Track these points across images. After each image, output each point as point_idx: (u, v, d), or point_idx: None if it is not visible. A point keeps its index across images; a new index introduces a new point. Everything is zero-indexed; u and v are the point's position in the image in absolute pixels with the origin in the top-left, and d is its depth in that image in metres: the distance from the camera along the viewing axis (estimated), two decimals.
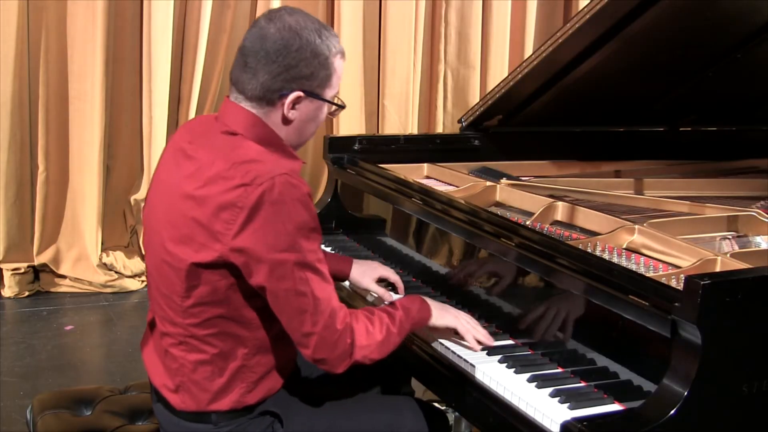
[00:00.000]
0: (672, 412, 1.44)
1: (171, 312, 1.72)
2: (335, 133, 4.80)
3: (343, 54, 1.78)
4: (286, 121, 1.73)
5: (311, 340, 1.65)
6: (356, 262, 2.17)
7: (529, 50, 5.34)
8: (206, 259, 1.64)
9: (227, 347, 1.72)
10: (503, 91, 2.62)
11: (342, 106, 1.81)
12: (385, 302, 2.07)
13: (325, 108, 1.78)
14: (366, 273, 2.15)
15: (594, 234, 2.10)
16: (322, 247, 2.54)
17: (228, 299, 1.68)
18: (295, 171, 1.68)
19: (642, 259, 1.94)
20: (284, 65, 1.68)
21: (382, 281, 2.18)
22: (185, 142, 1.77)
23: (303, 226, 1.62)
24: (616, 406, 1.60)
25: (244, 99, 1.72)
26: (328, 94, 1.76)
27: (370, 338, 1.72)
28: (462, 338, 1.86)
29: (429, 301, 1.88)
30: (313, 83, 1.72)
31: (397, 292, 2.16)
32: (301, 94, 1.71)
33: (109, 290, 4.61)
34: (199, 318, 1.69)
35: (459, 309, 1.97)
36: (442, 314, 1.87)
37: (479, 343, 1.85)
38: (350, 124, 5.14)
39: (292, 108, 1.72)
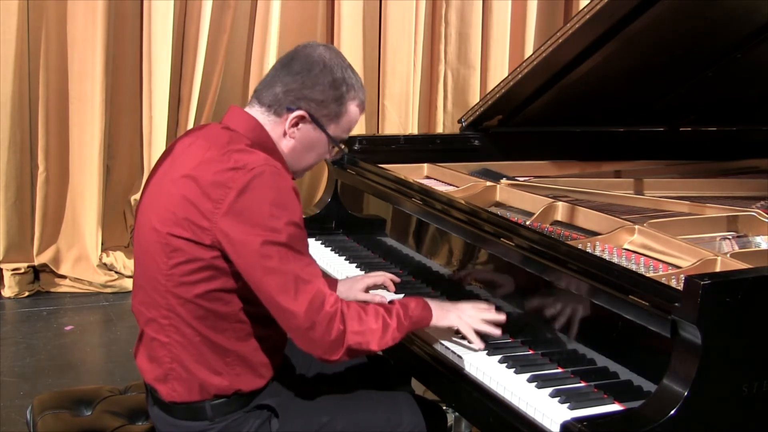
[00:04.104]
0: (672, 412, 1.44)
1: (156, 295, 1.74)
2: None
3: (362, 106, 1.84)
4: (285, 135, 1.80)
5: (298, 322, 1.65)
6: (341, 281, 2.17)
7: (529, 50, 5.34)
8: (193, 237, 1.66)
9: (212, 330, 1.73)
10: (503, 91, 2.62)
11: (343, 150, 1.89)
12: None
13: (325, 143, 1.83)
14: (352, 286, 2.14)
15: (594, 234, 2.10)
16: (322, 247, 2.55)
17: (212, 278, 1.69)
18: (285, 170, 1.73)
19: (642, 259, 1.94)
20: (300, 83, 1.77)
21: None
22: (183, 140, 1.83)
23: (288, 211, 1.65)
24: (616, 406, 1.60)
25: (257, 104, 1.81)
26: (333, 131, 1.82)
27: (363, 325, 1.72)
28: (465, 337, 1.86)
29: (429, 301, 1.87)
30: (321, 111, 1.78)
31: (388, 291, 2.16)
32: (305, 114, 1.77)
33: (109, 290, 4.61)
34: (182, 298, 1.71)
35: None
36: (444, 314, 1.86)
37: (485, 336, 1.85)
38: None
39: (294, 125, 1.79)
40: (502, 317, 1.88)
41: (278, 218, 1.64)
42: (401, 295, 2.15)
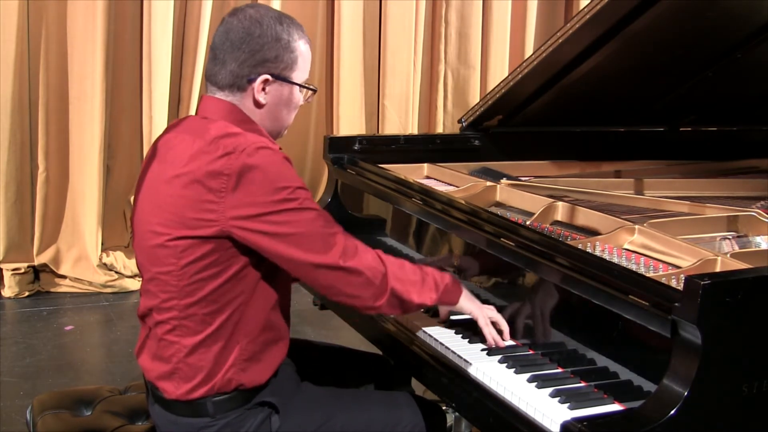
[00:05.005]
0: (672, 412, 1.44)
1: (166, 296, 1.74)
2: (335, 134, 4.81)
3: (307, 40, 1.85)
4: (258, 104, 1.80)
5: (337, 272, 1.70)
6: None
7: (529, 50, 5.35)
8: (203, 233, 1.67)
9: (222, 325, 1.73)
10: (503, 91, 2.61)
11: (313, 90, 1.88)
12: None
13: (296, 92, 1.84)
14: None
15: (594, 234, 2.10)
16: None
17: (223, 271, 1.70)
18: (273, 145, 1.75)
19: (642, 259, 1.94)
20: (248, 51, 1.77)
21: None
22: (165, 138, 1.83)
23: (291, 179, 1.68)
24: (616, 406, 1.60)
25: (218, 90, 1.81)
26: (298, 77, 1.83)
27: (403, 273, 1.77)
28: (480, 331, 1.87)
29: (461, 283, 1.91)
30: (279, 66, 1.79)
31: None
32: (268, 77, 1.78)
33: (109, 290, 4.61)
34: (194, 296, 1.71)
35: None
36: (471, 299, 1.90)
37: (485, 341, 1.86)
38: (350, 124, 5.14)
39: (262, 91, 1.79)
40: (506, 339, 1.89)
41: (283, 188, 1.66)
42: None
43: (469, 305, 1.89)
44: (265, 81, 1.78)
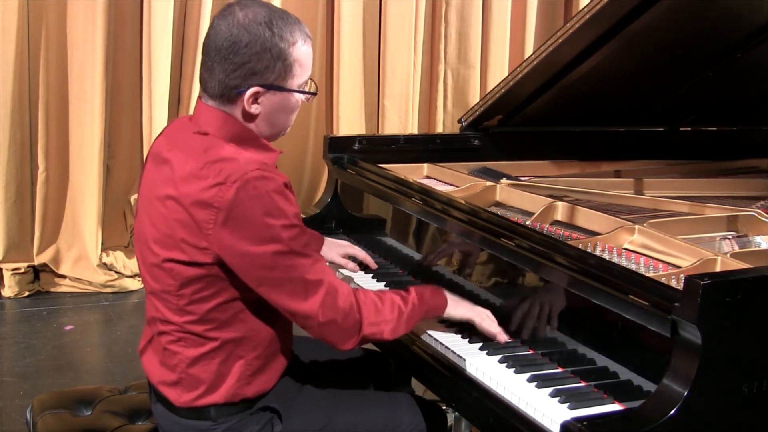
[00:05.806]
0: (672, 412, 1.44)
1: (168, 312, 1.73)
2: (335, 133, 4.80)
3: (305, 39, 1.72)
4: (248, 116, 1.72)
5: (314, 321, 1.68)
6: (327, 240, 2.28)
7: (529, 50, 5.35)
8: (196, 258, 1.65)
9: (224, 341, 1.73)
10: (503, 91, 2.61)
11: (312, 93, 1.78)
12: (349, 272, 2.24)
13: (294, 96, 1.74)
14: (332, 248, 2.26)
15: (594, 234, 2.10)
16: None
17: (222, 290, 1.69)
18: (268, 165, 1.67)
19: (642, 259, 1.94)
20: (236, 63, 1.67)
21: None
22: (162, 145, 1.78)
23: (281, 215, 1.62)
24: (616, 406, 1.60)
25: (209, 98, 1.73)
26: (293, 83, 1.72)
27: (379, 315, 1.74)
28: (479, 331, 1.88)
29: (445, 291, 1.90)
30: (270, 77, 1.69)
31: (369, 270, 2.27)
32: (258, 89, 1.69)
33: (109, 290, 4.61)
34: (195, 315, 1.70)
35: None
36: (457, 305, 1.90)
37: (483, 337, 1.87)
38: (350, 124, 5.14)
39: (254, 103, 1.71)
40: (504, 338, 1.89)
41: (273, 226, 1.61)
42: (383, 284, 2.20)
43: (458, 312, 1.89)
44: (256, 93, 1.69)
